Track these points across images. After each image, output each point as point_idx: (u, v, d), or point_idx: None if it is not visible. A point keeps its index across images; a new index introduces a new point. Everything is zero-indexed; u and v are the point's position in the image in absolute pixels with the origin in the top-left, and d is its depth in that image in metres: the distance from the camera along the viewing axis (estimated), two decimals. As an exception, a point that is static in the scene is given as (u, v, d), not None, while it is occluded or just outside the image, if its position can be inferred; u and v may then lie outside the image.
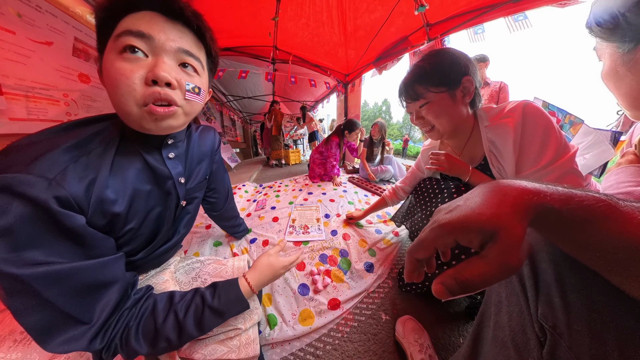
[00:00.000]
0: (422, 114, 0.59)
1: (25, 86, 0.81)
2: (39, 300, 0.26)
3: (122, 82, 0.31)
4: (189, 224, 0.58)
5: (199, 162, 0.54)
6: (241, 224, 1.03)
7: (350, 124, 2.09)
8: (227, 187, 0.81)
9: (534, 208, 0.20)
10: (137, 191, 0.39)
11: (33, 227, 0.26)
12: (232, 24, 2.03)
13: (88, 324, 0.30)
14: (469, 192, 0.25)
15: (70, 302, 0.28)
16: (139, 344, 0.34)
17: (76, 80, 1.03)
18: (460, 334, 0.65)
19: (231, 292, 0.42)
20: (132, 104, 0.32)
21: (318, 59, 2.70)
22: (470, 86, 0.55)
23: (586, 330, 0.23)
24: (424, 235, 0.23)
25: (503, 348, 0.32)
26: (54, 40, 0.90)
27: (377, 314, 0.71)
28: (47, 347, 0.27)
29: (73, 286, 0.29)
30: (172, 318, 0.36)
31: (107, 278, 0.33)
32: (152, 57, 0.32)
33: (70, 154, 0.31)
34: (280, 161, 3.39)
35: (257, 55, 2.50)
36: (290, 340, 0.63)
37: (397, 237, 1.11)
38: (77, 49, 1.01)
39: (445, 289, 0.20)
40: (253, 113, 5.38)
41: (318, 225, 1.17)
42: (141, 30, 0.31)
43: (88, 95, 1.12)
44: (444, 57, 0.56)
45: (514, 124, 0.51)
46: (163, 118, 0.35)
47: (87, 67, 1.11)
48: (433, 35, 1.86)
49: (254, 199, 1.67)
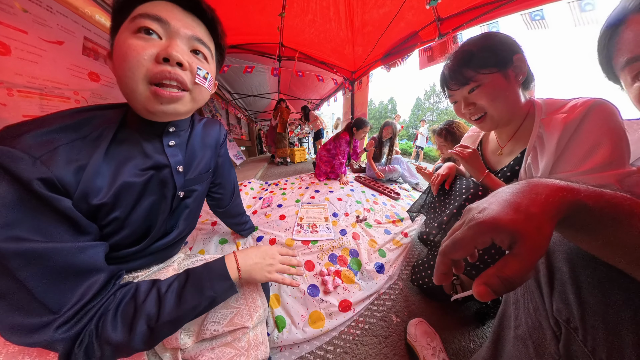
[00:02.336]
0: (473, 99, 0.54)
1: (38, 84, 0.82)
2: (10, 280, 0.25)
3: (132, 57, 0.30)
4: (190, 220, 0.56)
5: (200, 154, 0.53)
6: (247, 221, 1.02)
7: (359, 121, 2.07)
8: (234, 183, 0.80)
9: (568, 205, 0.20)
10: (127, 180, 0.37)
11: (14, 204, 0.25)
12: (238, 21, 2.02)
13: (56, 313, 0.27)
14: (501, 189, 0.24)
15: (43, 287, 0.26)
16: (115, 329, 0.30)
17: (86, 79, 1.05)
18: (471, 338, 0.63)
19: (215, 266, 0.41)
20: (138, 79, 0.31)
21: (324, 56, 2.67)
22: (522, 65, 0.50)
23: (601, 325, 0.24)
24: (461, 235, 0.23)
25: (524, 346, 0.32)
26: (65, 39, 0.92)
27: (389, 316, 0.70)
28: (6, 336, 0.25)
29: (49, 268, 0.27)
30: (154, 294, 0.34)
31: (85, 264, 0.30)
32: (166, 40, 0.33)
33: (63, 134, 0.30)
34: (285, 159, 3.39)
35: (263, 53, 2.48)
36: (300, 343, 0.62)
37: (406, 237, 1.10)
38: (86, 48, 1.03)
39: (490, 289, 0.19)
40: (258, 111, 5.39)
41: (327, 224, 1.15)
42: (158, 15, 0.32)
43: (98, 93, 1.13)
44: (489, 38, 0.52)
45: (566, 121, 0.45)
46: (169, 101, 0.34)
47: (97, 65, 1.12)
48: (444, 31, 1.81)
49: (259, 196, 1.67)
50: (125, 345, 0.31)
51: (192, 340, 0.42)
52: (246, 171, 2.66)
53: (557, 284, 0.29)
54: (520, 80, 0.52)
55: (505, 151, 0.63)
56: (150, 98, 0.33)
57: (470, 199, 0.62)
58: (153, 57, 0.31)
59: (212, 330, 0.43)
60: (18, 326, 0.26)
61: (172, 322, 0.34)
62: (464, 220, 0.24)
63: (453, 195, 0.69)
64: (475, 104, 0.54)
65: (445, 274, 0.25)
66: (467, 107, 0.56)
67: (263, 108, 5.15)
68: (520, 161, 0.57)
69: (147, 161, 0.40)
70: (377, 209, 1.40)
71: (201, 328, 0.43)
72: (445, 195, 0.75)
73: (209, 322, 0.44)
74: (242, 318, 0.44)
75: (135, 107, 0.35)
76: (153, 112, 0.35)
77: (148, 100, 0.33)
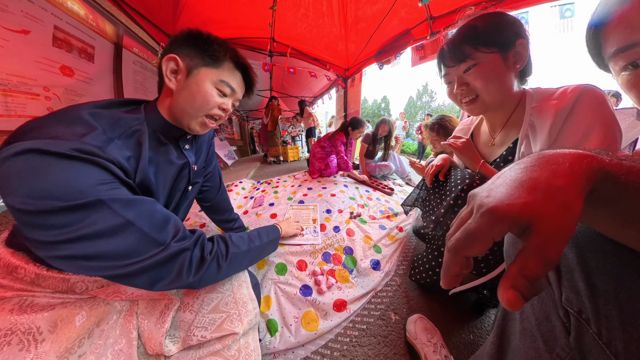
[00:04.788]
0: (468, 79, 0.52)
1: (0, 80, 0.73)
2: (122, 220, 0.32)
3: (209, 101, 0.46)
4: (186, 211, 0.66)
5: (200, 150, 0.63)
6: (236, 219, 0.98)
7: (355, 121, 2.03)
8: (219, 174, 0.83)
9: (596, 174, 0.17)
10: (164, 173, 0.48)
11: (96, 174, 0.32)
12: (227, 14, 1.95)
13: (163, 244, 0.35)
14: (506, 169, 0.21)
15: (146, 223, 0.34)
16: (218, 244, 0.45)
17: (58, 74, 0.94)
18: (470, 330, 0.62)
19: (271, 227, 0.72)
20: (203, 112, 0.47)
21: (317, 52, 2.64)
22: (523, 51, 0.48)
23: (616, 314, 0.22)
24: (474, 226, 0.18)
25: (532, 340, 0.30)
26: (31, 28, 0.82)
27: (387, 314, 0.67)
28: (137, 264, 0.33)
29: (144, 210, 0.35)
30: (236, 236, 0.52)
31: (165, 211, 0.39)
32: (228, 98, 0.51)
33: (107, 134, 0.37)
34: (278, 158, 3.33)
35: (253, 48, 2.41)
36: (294, 348, 0.58)
37: (401, 232, 1.08)
38: (57, 38, 0.92)
39: (520, 294, 0.16)
40: (250, 110, 5.27)
41: (314, 227, 1.08)
42: (233, 87, 0.50)
43: (73, 90, 1.03)
44: (497, 17, 0.50)
45: (558, 107, 0.45)
46: (208, 128, 0.51)
47: (70, 58, 1.01)
48: (436, 29, 1.82)
49: (251, 195, 1.61)
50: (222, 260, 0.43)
51: (177, 347, 0.40)
52: (238, 171, 2.57)
53: (565, 271, 0.26)
54: (518, 67, 0.50)
55: (497, 142, 0.62)
56: (200, 123, 0.49)
57: (466, 190, 0.60)
58: (218, 105, 0.48)
59: (200, 336, 0.40)
60: (142, 255, 0.33)
61: (248, 251, 0.52)
62: (471, 206, 0.21)
63: (448, 187, 0.67)
64: (468, 85, 0.52)
65: (457, 276, 0.21)
66: (460, 87, 0.53)
67: (255, 106, 5.04)
68: (512, 151, 0.57)
69: (175, 160, 0.51)
70: (371, 204, 1.38)
71: (187, 334, 0.40)
72: (440, 188, 0.74)
73: (195, 328, 0.41)
74: (232, 323, 0.41)
75: (182, 121, 0.47)
76: (193, 130, 0.49)
77: (198, 124, 0.48)
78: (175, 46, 0.45)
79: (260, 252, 0.60)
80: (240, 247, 0.50)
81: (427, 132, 1.50)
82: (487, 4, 1.51)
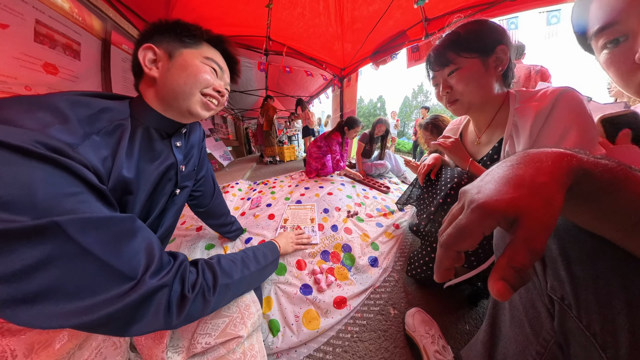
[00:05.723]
0: (451, 82, 0.56)
1: None
2: (78, 249, 0.25)
3: (200, 75, 0.43)
4: (175, 217, 0.60)
5: (191, 152, 0.59)
6: (233, 222, 0.97)
7: (351, 120, 2.04)
8: (213, 179, 0.79)
9: (575, 171, 0.18)
10: (146, 176, 0.42)
11: (60, 181, 0.26)
12: (222, 11, 1.92)
13: (134, 279, 0.28)
14: (493, 167, 0.23)
15: (110, 251, 0.27)
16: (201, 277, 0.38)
17: (41, 71, 0.88)
18: (466, 320, 0.65)
19: (269, 244, 0.67)
20: (197, 89, 0.44)
21: (313, 51, 2.64)
22: (503, 56, 0.52)
23: (593, 298, 0.24)
24: (465, 221, 0.19)
25: (520, 326, 0.32)
26: (10, 22, 0.77)
27: (386, 309, 0.68)
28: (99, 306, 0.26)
29: (107, 233, 0.28)
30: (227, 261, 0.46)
31: (141, 233, 0.33)
32: (219, 79, 0.49)
33: (84, 128, 0.32)
34: (274, 158, 3.31)
35: (249, 46, 2.39)
36: (297, 347, 0.58)
37: (398, 229, 1.10)
38: (40, 33, 0.86)
39: (508, 284, 0.16)
40: (245, 109, 5.20)
41: (312, 227, 1.08)
42: (221, 65, 0.49)
43: (57, 88, 0.97)
44: (480, 24, 0.53)
45: (538, 109, 0.48)
46: (208, 110, 0.48)
47: (54, 55, 0.94)
48: (431, 31, 1.86)
49: (248, 196, 1.60)
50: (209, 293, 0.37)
51: (181, 357, 0.39)
52: (234, 172, 2.54)
53: (549, 261, 0.28)
54: (499, 71, 0.53)
55: (483, 140, 0.65)
56: (200, 103, 0.45)
57: (455, 188, 0.63)
58: (211, 85, 0.46)
59: (204, 343, 0.39)
60: (102, 294, 0.26)
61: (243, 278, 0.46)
62: (462, 202, 0.22)
63: (439, 186, 0.70)
64: (452, 88, 0.56)
65: (449, 270, 0.22)
66: (444, 89, 0.57)
67: (250, 105, 4.99)
68: (498, 150, 0.60)
69: (161, 159, 0.46)
70: (367, 203, 1.39)
71: (191, 342, 0.39)
72: (432, 186, 0.76)
73: (199, 335, 0.40)
74: (236, 327, 0.41)
75: (180, 104, 0.44)
76: (194, 113, 0.45)
77: (198, 104, 0.45)
78: (148, 36, 0.43)
79: (257, 278, 0.52)
80: (233, 275, 0.43)
81: (422, 131, 1.53)
82: (478, 8, 1.55)
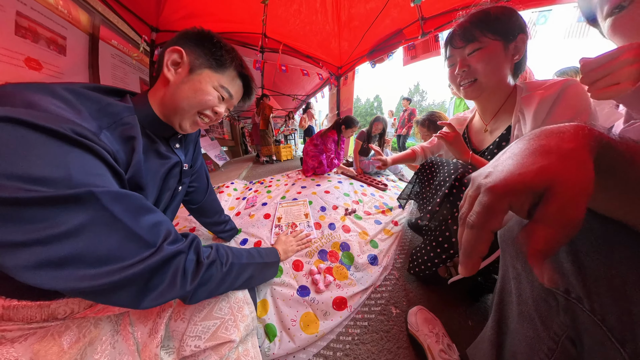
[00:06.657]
0: (470, 61, 0.56)
1: None
2: (110, 217, 0.27)
3: (206, 101, 0.46)
4: (173, 215, 0.62)
5: (188, 148, 0.62)
6: (227, 221, 0.94)
7: (348, 119, 2.02)
8: (206, 174, 0.79)
9: (598, 141, 0.17)
10: (152, 171, 0.45)
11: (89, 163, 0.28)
12: (217, 6, 1.88)
13: (154, 246, 0.31)
14: (505, 149, 0.21)
15: (135, 221, 0.30)
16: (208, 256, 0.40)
17: (23, 67, 0.82)
18: (469, 316, 0.63)
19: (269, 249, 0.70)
20: (196, 110, 0.46)
21: (310, 49, 2.61)
22: (522, 46, 0.54)
23: (606, 289, 0.22)
24: (488, 199, 0.18)
25: (530, 321, 0.30)
26: None
27: (387, 308, 0.66)
28: (120, 268, 0.27)
29: (133, 206, 0.31)
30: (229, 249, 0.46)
31: (156, 210, 0.35)
32: (225, 102, 0.51)
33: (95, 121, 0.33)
34: (271, 157, 3.26)
35: (244, 43, 2.35)
36: (295, 353, 0.55)
37: (397, 226, 1.08)
38: (21, 26, 0.80)
39: (552, 269, 0.16)
40: (241, 109, 5.14)
41: (307, 222, 1.06)
42: (232, 93, 0.50)
43: None
44: (508, 10, 0.55)
45: (542, 97, 0.49)
46: (197, 127, 0.50)
47: (37, 50, 0.88)
48: (427, 30, 1.86)
49: (243, 196, 1.56)
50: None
51: (172, 358, 0.37)
52: (229, 172, 2.47)
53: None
54: (516, 59, 0.55)
55: (490, 128, 0.67)
56: (192, 122, 0.47)
57: (459, 179, 0.61)
58: (212, 107, 0.47)
59: (193, 346, 0.36)
60: (123, 259, 0.28)
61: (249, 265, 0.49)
62: (477, 184, 0.20)
63: (442, 178, 0.68)
64: (469, 67, 0.57)
65: (481, 257, 0.20)
66: (462, 67, 0.58)
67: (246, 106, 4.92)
68: (505, 138, 0.61)
69: (165, 158, 0.49)
70: (365, 200, 1.37)
71: (181, 344, 0.37)
72: (433, 180, 0.75)
73: (188, 337, 0.37)
74: (227, 330, 0.38)
75: (174, 117, 0.45)
76: (183, 128, 0.47)
77: (189, 122, 0.47)
78: (182, 40, 0.44)
79: (259, 272, 0.55)
80: (241, 258, 0.46)
81: (419, 127, 1.52)
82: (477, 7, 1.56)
